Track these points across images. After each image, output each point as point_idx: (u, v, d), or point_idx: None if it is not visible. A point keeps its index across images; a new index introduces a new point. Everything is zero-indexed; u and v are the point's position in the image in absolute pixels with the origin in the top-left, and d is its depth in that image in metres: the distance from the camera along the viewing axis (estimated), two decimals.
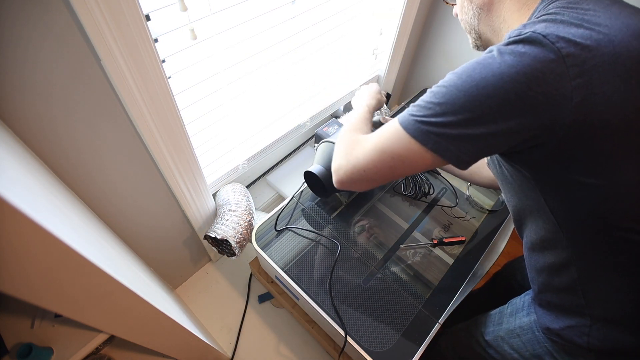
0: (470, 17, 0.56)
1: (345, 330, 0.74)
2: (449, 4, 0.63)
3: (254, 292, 1.23)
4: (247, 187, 1.23)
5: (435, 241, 0.91)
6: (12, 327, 0.72)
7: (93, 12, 0.47)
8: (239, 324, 1.16)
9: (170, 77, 0.66)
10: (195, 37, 0.66)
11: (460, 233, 0.94)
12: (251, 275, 1.26)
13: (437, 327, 0.77)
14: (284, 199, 1.11)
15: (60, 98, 0.54)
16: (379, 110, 1.18)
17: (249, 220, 0.94)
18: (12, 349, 0.68)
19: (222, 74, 0.78)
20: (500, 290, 0.94)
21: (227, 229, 0.89)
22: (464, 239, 0.92)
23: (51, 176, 0.58)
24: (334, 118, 1.21)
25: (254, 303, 1.21)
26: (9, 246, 0.29)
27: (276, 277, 0.91)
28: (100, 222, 0.74)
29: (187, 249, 1.12)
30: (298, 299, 0.89)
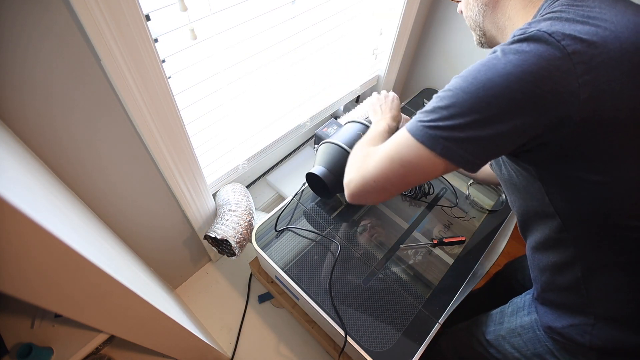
0: (475, 14, 0.56)
1: (345, 330, 0.74)
2: (454, 0, 0.63)
3: (254, 292, 1.23)
4: (247, 187, 1.23)
5: (435, 241, 0.91)
6: (12, 327, 0.72)
7: (93, 12, 0.47)
8: (239, 324, 1.16)
9: (170, 77, 0.66)
10: (195, 37, 0.66)
11: (460, 233, 0.94)
12: (251, 275, 1.26)
13: (437, 327, 0.77)
14: (284, 199, 1.11)
15: (60, 98, 0.54)
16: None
17: (249, 220, 0.94)
18: (12, 349, 0.68)
19: (222, 74, 0.78)
20: (501, 290, 0.94)
21: (227, 229, 0.89)
22: (464, 239, 0.92)
23: (51, 176, 0.58)
24: (333, 118, 1.20)
25: (254, 303, 1.21)
26: (9, 246, 0.29)
27: (276, 277, 0.91)
28: (100, 222, 0.74)
29: (187, 249, 1.12)
30: (298, 299, 0.89)
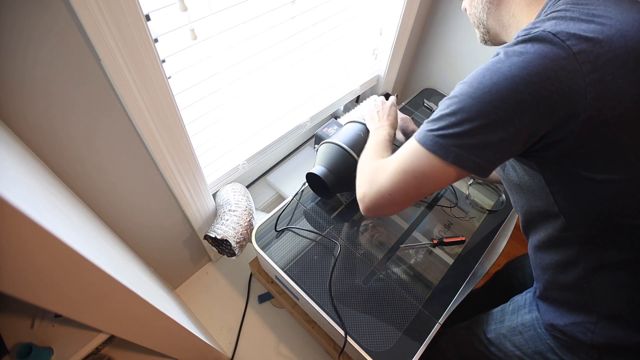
0: (479, 11, 0.56)
1: (345, 330, 0.74)
2: None
3: (254, 292, 1.23)
4: (247, 187, 1.23)
5: (435, 241, 0.91)
6: (12, 327, 0.72)
7: (93, 12, 0.47)
8: (239, 324, 1.16)
9: (170, 77, 0.66)
10: (195, 37, 0.66)
11: (460, 233, 0.94)
12: (251, 275, 1.26)
13: (437, 327, 0.77)
14: (284, 199, 1.11)
15: (60, 98, 0.54)
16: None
17: (249, 220, 0.94)
18: (12, 349, 0.68)
19: (222, 74, 0.78)
20: (501, 289, 0.94)
21: (227, 229, 0.89)
22: (464, 239, 0.92)
23: (51, 176, 0.58)
24: (333, 118, 1.20)
25: (254, 303, 1.21)
26: (9, 246, 0.29)
27: (276, 277, 0.91)
28: (100, 222, 0.74)
29: (187, 249, 1.12)
30: (298, 299, 0.89)
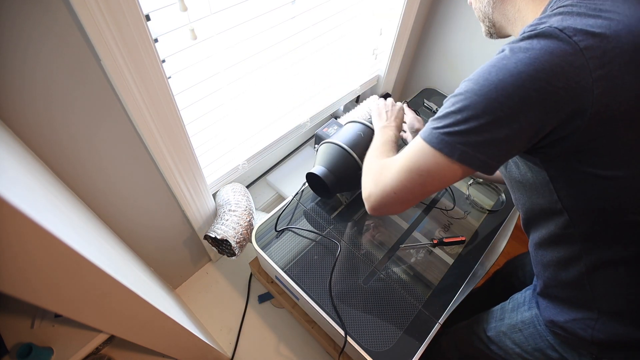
0: (484, 5, 0.56)
1: (345, 330, 0.74)
2: None
3: (254, 292, 1.23)
4: (247, 187, 1.23)
5: (435, 241, 0.91)
6: (12, 327, 0.72)
7: (93, 12, 0.47)
8: (239, 324, 1.16)
9: (170, 77, 0.66)
10: (195, 37, 0.66)
11: (460, 233, 0.94)
12: (251, 275, 1.26)
13: (437, 327, 0.77)
14: (284, 199, 1.11)
15: (60, 98, 0.54)
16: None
17: (249, 220, 0.94)
18: (12, 349, 0.68)
19: (222, 74, 0.78)
20: (501, 288, 0.94)
21: (227, 229, 0.89)
22: (464, 239, 0.92)
23: (51, 176, 0.58)
24: (333, 118, 1.20)
25: (254, 303, 1.21)
26: (9, 246, 0.29)
27: (276, 277, 0.91)
28: (100, 222, 0.74)
29: (187, 249, 1.12)
30: (298, 299, 0.89)
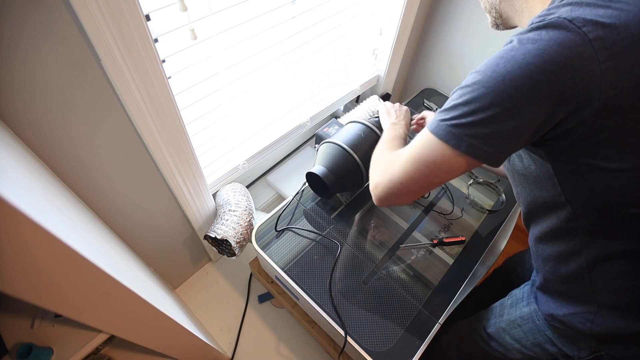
0: None
1: (345, 330, 0.74)
2: None
3: (254, 292, 1.23)
4: (247, 187, 1.23)
5: (435, 241, 0.91)
6: (12, 327, 0.72)
7: (93, 12, 0.47)
8: (239, 324, 1.16)
9: (170, 77, 0.66)
10: (195, 37, 0.66)
11: (460, 233, 0.94)
12: (251, 275, 1.26)
13: (437, 327, 0.77)
14: (284, 199, 1.11)
15: (60, 98, 0.54)
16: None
17: (249, 220, 0.94)
18: (12, 349, 0.68)
19: (222, 74, 0.78)
20: (500, 286, 0.94)
21: (227, 229, 0.89)
22: (464, 239, 0.92)
23: (51, 176, 0.58)
24: (334, 118, 1.20)
25: (254, 303, 1.21)
26: (9, 246, 0.29)
27: (276, 277, 0.91)
28: (100, 222, 0.74)
29: (187, 249, 1.12)
30: (298, 299, 0.89)
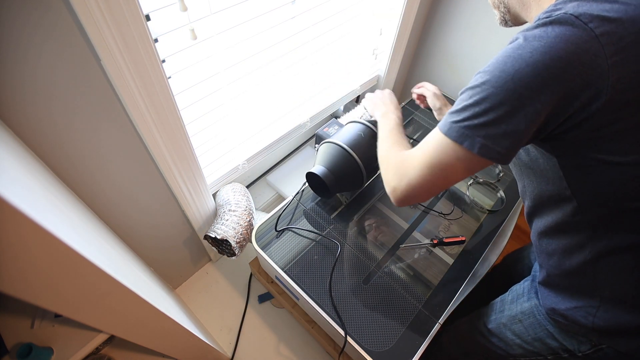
0: None
1: (345, 330, 0.74)
2: None
3: (254, 292, 1.23)
4: (247, 187, 1.23)
5: (435, 241, 0.91)
6: (12, 327, 0.72)
7: (93, 12, 0.47)
8: (239, 324, 1.16)
9: (170, 77, 0.66)
10: (195, 37, 0.66)
11: (460, 233, 0.94)
12: (251, 275, 1.26)
13: (437, 327, 0.77)
14: (284, 199, 1.11)
15: (61, 98, 0.54)
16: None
17: (249, 220, 0.94)
18: (12, 349, 0.68)
19: (222, 74, 0.78)
20: (500, 283, 0.94)
21: (227, 229, 0.89)
22: (464, 239, 0.92)
23: (51, 176, 0.58)
24: (334, 118, 1.20)
25: (254, 303, 1.21)
26: (9, 246, 0.29)
27: (276, 277, 0.91)
28: (100, 222, 0.74)
29: (187, 249, 1.12)
30: (298, 299, 0.89)
